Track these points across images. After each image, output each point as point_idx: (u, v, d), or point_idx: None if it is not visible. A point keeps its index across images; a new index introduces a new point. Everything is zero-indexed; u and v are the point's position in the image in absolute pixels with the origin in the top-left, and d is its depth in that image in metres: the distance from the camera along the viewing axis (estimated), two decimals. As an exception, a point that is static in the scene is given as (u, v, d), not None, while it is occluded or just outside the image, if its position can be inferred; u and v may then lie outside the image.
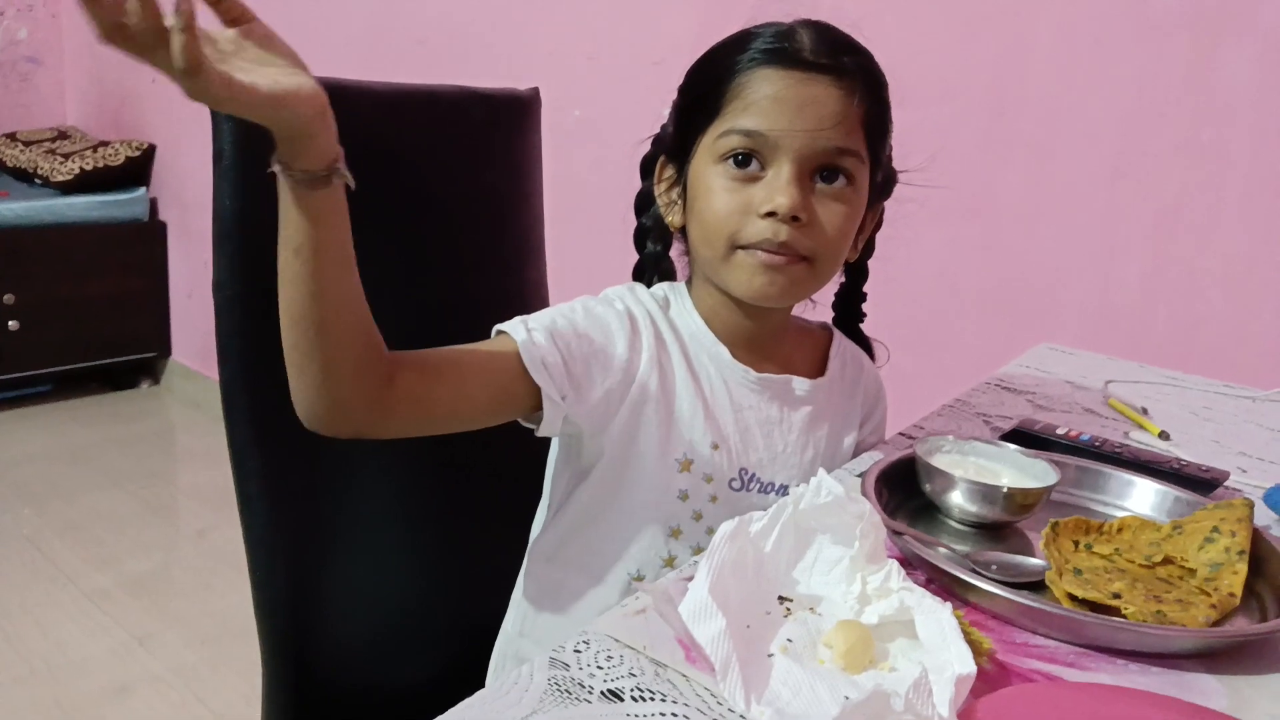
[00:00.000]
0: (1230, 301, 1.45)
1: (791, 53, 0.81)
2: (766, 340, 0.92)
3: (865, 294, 1.01)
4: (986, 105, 1.62)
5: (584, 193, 2.04)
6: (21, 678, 1.94)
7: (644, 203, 0.95)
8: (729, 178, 0.82)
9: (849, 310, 1.02)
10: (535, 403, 0.81)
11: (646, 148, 0.95)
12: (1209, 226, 1.45)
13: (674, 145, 0.89)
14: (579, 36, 2.17)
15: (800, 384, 0.93)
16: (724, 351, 0.89)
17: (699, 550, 0.88)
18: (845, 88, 0.81)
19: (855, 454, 0.98)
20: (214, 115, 0.86)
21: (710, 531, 0.88)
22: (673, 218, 0.90)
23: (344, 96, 0.96)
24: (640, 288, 0.93)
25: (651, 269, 0.95)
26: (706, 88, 0.83)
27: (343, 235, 0.69)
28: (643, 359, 0.86)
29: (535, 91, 1.12)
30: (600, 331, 0.85)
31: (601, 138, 2.08)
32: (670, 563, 0.89)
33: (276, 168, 0.65)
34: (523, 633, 0.97)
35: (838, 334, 1.01)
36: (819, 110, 0.80)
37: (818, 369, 0.96)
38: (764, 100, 0.80)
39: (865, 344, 1.03)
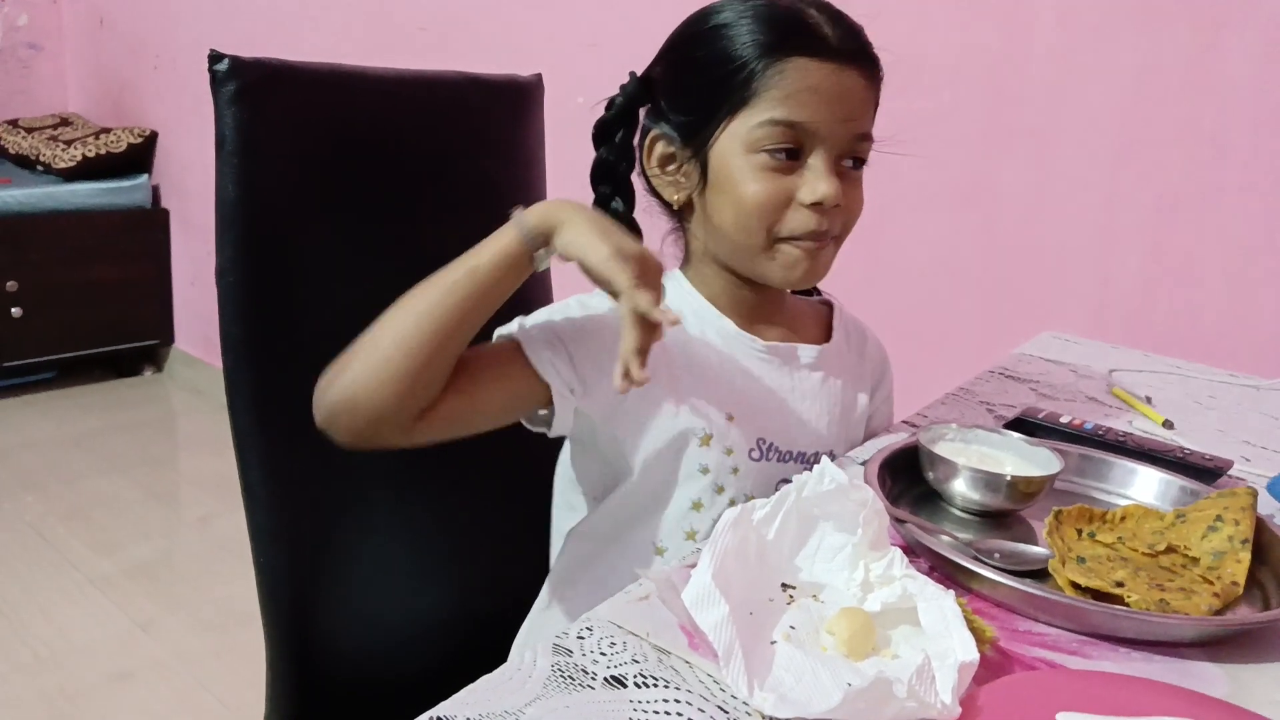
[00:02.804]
0: (1233, 290, 1.45)
1: (820, 41, 0.81)
2: (771, 310, 0.93)
3: None
4: (987, 93, 1.62)
5: (585, 181, 2.02)
6: (25, 664, 1.95)
7: (604, 171, 0.92)
8: (766, 168, 0.82)
9: None
10: (543, 401, 0.83)
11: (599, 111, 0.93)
12: (1210, 215, 1.45)
13: (678, 125, 0.87)
14: (580, 24, 2.16)
15: (807, 350, 0.93)
16: (729, 324, 0.90)
17: None
18: (868, 75, 0.84)
19: (869, 424, 0.99)
20: (216, 102, 0.86)
21: (733, 503, 0.87)
22: (677, 195, 0.88)
23: (344, 82, 0.96)
24: None
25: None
26: (729, 74, 0.82)
27: (506, 291, 0.77)
28: None
29: (538, 78, 1.12)
30: (598, 324, 0.85)
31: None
32: (691, 536, 0.88)
33: (526, 234, 0.75)
34: (550, 605, 0.96)
35: (838, 305, 1.01)
36: (851, 100, 0.82)
37: (823, 338, 0.96)
38: (803, 92, 0.80)
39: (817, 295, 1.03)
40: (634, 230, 0.92)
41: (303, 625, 0.96)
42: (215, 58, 0.85)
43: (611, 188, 0.92)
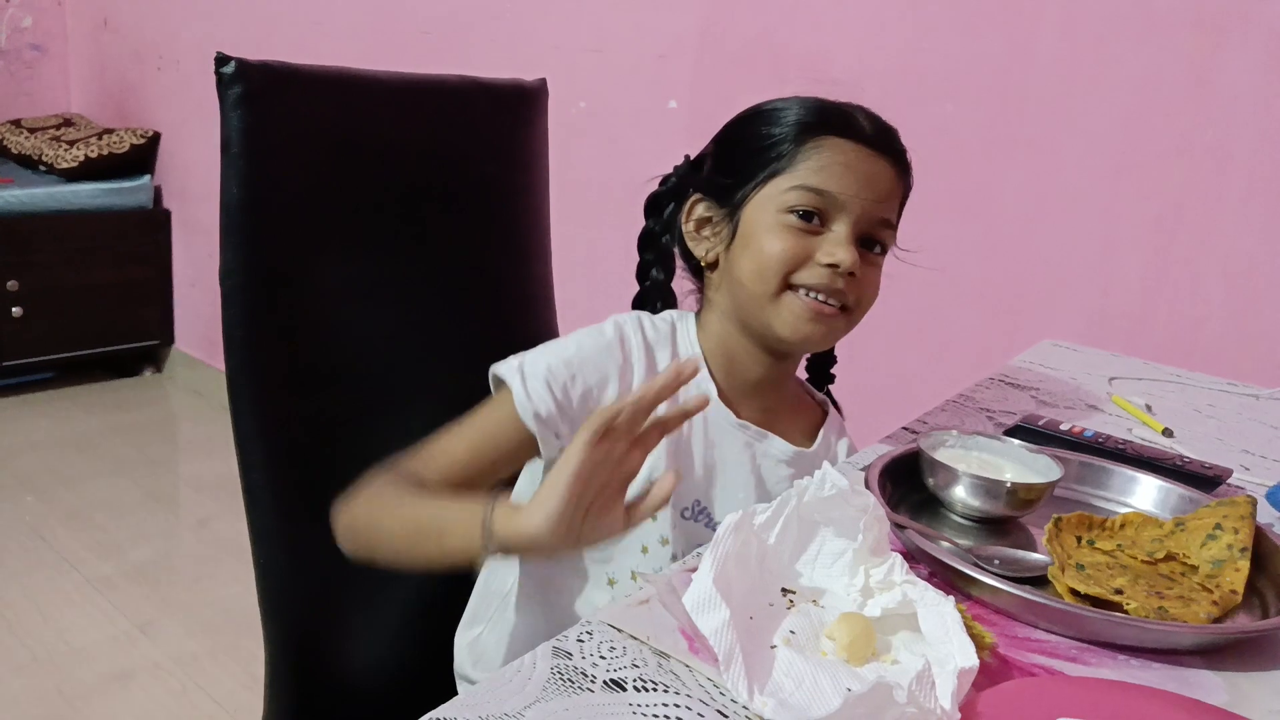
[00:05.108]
0: (1232, 300, 1.45)
1: (860, 129, 0.89)
2: (765, 383, 0.96)
3: (835, 357, 1.07)
4: (990, 103, 1.62)
5: (588, 186, 2.03)
6: (23, 665, 1.95)
7: (649, 240, 1.00)
8: (791, 227, 0.88)
9: (823, 369, 1.08)
10: (537, 448, 0.88)
11: (654, 186, 0.99)
12: (1211, 225, 1.45)
13: (718, 189, 0.93)
14: (583, 29, 2.16)
15: (782, 445, 0.96)
16: (713, 389, 0.93)
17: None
18: (899, 170, 0.91)
19: None
20: (221, 105, 0.86)
21: (675, 559, 0.91)
22: (705, 253, 0.94)
23: (349, 85, 0.96)
24: (646, 316, 0.96)
25: (656, 297, 1.00)
26: (772, 143, 0.89)
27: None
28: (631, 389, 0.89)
29: (542, 83, 1.12)
30: (595, 371, 0.89)
31: (606, 131, 2.08)
32: (634, 578, 0.91)
33: (488, 549, 0.75)
34: (519, 608, 0.98)
35: (833, 412, 1.04)
36: (879, 184, 0.89)
37: (808, 437, 0.99)
38: (837, 166, 0.87)
39: (831, 403, 1.07)
40: (668, 298, 0.99)
41: (302, 628, 0.96)
42: (221, 60, 0.85)
43: (654, 256, 0.99)
